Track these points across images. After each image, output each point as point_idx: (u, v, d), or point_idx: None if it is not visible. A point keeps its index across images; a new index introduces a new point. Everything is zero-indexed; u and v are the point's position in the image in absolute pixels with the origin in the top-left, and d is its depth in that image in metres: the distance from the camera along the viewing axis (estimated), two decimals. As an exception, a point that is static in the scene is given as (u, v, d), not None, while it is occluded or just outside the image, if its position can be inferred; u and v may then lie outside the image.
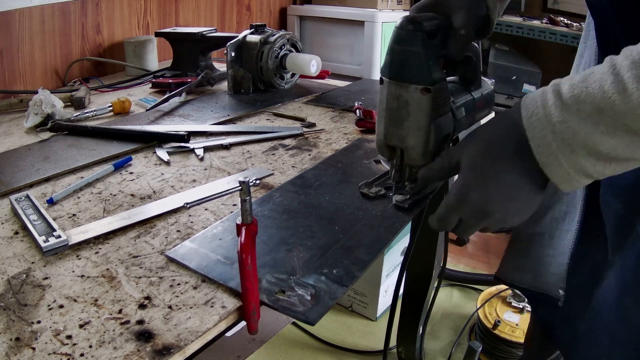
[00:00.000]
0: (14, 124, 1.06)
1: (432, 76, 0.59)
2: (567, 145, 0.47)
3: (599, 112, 0.45)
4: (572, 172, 0.48)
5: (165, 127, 1.02)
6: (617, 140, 0.45)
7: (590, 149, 0.46)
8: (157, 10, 1.63)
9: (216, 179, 0.81)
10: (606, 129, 0.45)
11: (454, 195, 0.56)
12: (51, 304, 0.52)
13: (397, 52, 0.60)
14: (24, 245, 0.62)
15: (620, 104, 0.43)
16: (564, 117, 0.47)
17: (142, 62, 1.48)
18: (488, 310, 1.58)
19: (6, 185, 0.77)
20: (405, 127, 0.62)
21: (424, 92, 0.59)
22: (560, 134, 0.47)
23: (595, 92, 0.45)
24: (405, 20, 0.59)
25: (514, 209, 0.54)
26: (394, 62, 0.60)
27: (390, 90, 0.61)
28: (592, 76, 0.46)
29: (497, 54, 2.57)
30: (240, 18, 1.98)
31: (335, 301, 0.52)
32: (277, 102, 1.19)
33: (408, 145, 0.63)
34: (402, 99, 0.61)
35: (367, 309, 1.75)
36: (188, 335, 0.48)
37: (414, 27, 0.58)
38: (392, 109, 0.62)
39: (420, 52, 0.58)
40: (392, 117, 0.63)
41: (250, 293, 0.50)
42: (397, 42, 0.60)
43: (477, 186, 0.54)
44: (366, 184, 0.75)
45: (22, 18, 1.28)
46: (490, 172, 0.53)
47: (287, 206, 0.71)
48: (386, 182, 0.76)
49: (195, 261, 0.58)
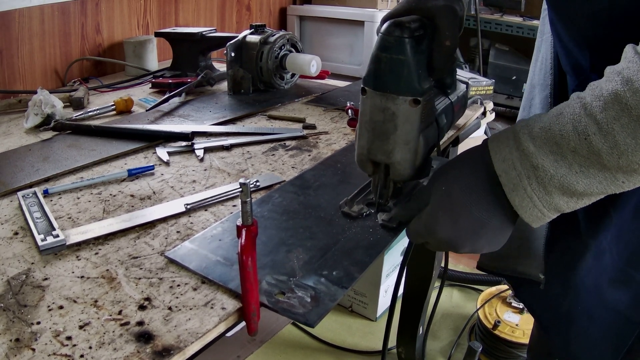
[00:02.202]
0: (13, 124, 1.06)
1: (421, 86, 0.54)
2: (542, 188, 0.48)
3: (573, 153, 0.46)
4: (545, 211, 0.49)
5: (165, 127, 1.02)
6: (591, 179, 0.46)
7: (566, 189, 0.47)
8: (157, 10, 1.63)
9: (216, 179, 0.81)
10: (580, 169, 0.46)
11: (423, 226, 0.57)
12: (51, 304, 0.52)
13: (383, 60, 0.54)
14: (24, 246, 0.62)
15: (597, 143, 0.44)
16: (538, 161, 0.48)
17: (141, 62, 1.48)
18: (488, 310, 1.58)
19: (6, 185, 0.77)
20: (392, 141, 0.57)
21: (413, 104, 0.54)
22: (535, 178, 0.48)
23: (570, 133, 0.46)
24: (392, 25, 0.53)
25: (481, 243, 0.55)
26: (380, 72, 0.55)
27: (375, 102, 0.56)
28: (562, 117, 0.47)
29: (497, 54, 2.57)
30: (240, 18, 1.98)
31: (335, 303, 0.52)
32: (277, 103, 1.19)
33: (394, 161, 0.58)
34: (389, 111, 0.55)
35: (367, 309, 1.75)
36: (188, 337, 0.48)
37: (402, 33, 0.53)
38: (377, 122, 0.57)
39: (409, 61, 0.53)
40: (377, 131, 0.57)
41: (250, 295, 0.50)
42: (383, 50, 0.54)
43: (444, 221, 0.54)
44: (347, 202, 0.71)
45: (22, 18, 1.28)
46: (459, 209, 0.53)
47: (286, 207, 0.71)
48: (368, 198, 0.71)
49: (195, 262, 0.58)
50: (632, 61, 0.44)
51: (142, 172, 0.82)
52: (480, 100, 1.19)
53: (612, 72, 0.46)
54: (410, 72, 0.53)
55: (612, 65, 0.47)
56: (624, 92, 0.43)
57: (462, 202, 0.53)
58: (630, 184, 0.46)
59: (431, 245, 0.59)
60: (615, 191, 0.47)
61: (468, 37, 2.61)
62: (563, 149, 0.46)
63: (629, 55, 0.45)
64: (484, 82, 1.23)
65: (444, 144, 1.02)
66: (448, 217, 0.54)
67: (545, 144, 0.48)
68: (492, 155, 0.52)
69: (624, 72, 0.44)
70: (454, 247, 0.55)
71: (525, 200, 0.49)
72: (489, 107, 1.22)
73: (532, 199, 0.49)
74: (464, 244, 0.55)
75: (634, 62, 0.44)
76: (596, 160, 0.45)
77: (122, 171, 0.81)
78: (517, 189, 0.49)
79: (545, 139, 0.48)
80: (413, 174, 0.59)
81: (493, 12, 2.64)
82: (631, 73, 0.43)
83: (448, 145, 1.11)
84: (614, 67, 0.46)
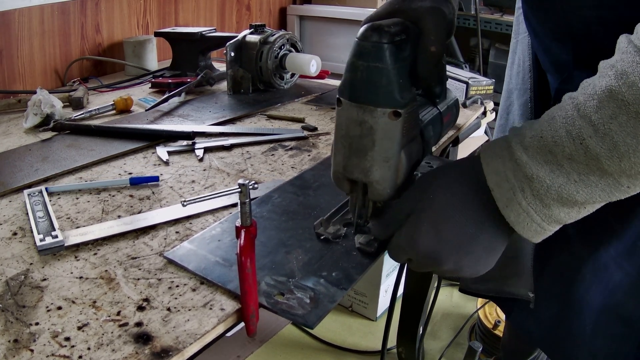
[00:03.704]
0: (12, 124, 1.06)
1: (402, 97, 0.49)
2: (538, 200, 0.44)
3: (570, 161, 0.42)
4: (545, 225, 0.45)
5: (165, 127, 1.01)
6: (592, 187, 0.42)
7: (565, 200, 0.43)
8: (156, 10, 1.63)
9: (215, 179, 0.81)
10: (579, 177, 0.42)
11: (404, 239, 0.51)
12: (49, 305, 0.52)
13: (360, 69, 0.48)
14: (23, 246, 0.62)
15: (594, 147, 0.40)
16: (533, 172, 0.43)
17: (141, 62, 1.48)
18: (488, 310, 1.58)
19: (5, 185, 0.77)
20: (370, 158, 0.51)
21: (392, 117, 0.49)
22: (530, 191, 0.44)
23: (563, 139, 0.42)
24: (369, 29, 0.48)
25: (466, 261, 0.50)
26: (357, 82, 0.49)
27: (352, 115, 0.50)
28: (554, 122, 0.43)
29: (497, 54, 2.56)
30: (239, 18, 1.98)
31: (334, 304, 0.52)
32: (277, 102, 1.19)
33: (373, 179, 0.52)
34: (366, 125, 0.50)
35: (367, 309, 1.75)
36: (187, 338, 0.48)
37: (380, 38, 0.47)
38: (354, 137, 0.51)
39: (389, 69, 0.48)
40: (354, 147, 0.51)
41: (249, 296, 0.50)
42: (360, 57, 0.48)
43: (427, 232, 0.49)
44: (322, 222, 0.64)
45: (22, 18, 1.27)
46: (444, 218, 0.49)
47: (286, 207, 0.71)
48: (345, 218, 0.65)
49: (194, 263, 0.58)
50: (626, 52, 0.39)
51: (145, 182, 0.78)
52: (480, 100, 1.19)
53: (605, 66, 0.41)
54: (390, 82, 0.48)
55: (605, 60, 0.42)
56: (619, 87, 0.39)
57: (447, 212, 0.49)
58: (637, 188, 0.42)
59: (414, 263, 0.53)
60: (621, 197, 0.43)
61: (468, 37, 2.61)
62: (558, 157, 0.42)
63: (622, 45, 0.41)
64: (484, 82, 1.23)
65: (444, 144, 1.02)
66: (432, 227, 0.49)
67: (538, 152, 0.43)
68: (484, 167, 0.47)
69: (618, 65, 0.40)
70: (437, 260, 0.50)
71: (522, 215, 0.45)
72: (489, 106, 1.22)
73: (529, 213, 0.45)
74: (448, 258, 0.49)
75: (627, 53, 0.39)
76: (595, 165, 0.41)
77: (124, 179, 0.78)
78: (511, 203, 0.45)
79: (538, 147, 0.43)
80: (394, 194, 0.53)
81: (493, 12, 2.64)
82: (626, 65, 0.39)
83: (448, 145, 1.11)
84: (607, 60, 0.42)
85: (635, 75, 0.38)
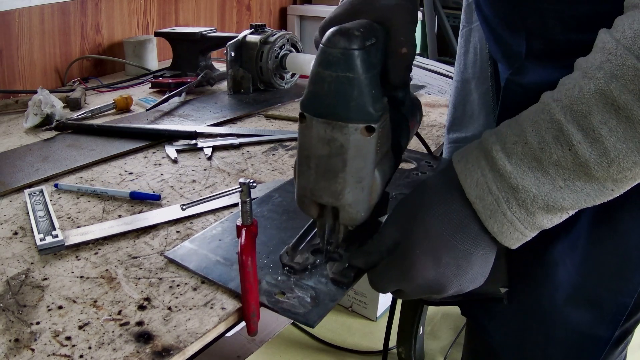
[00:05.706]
0: (13, 124, 1.06)
1: (375, 110, 0.43)
2: (524, 210, 0.42)
3: (556, 167, 0.40)
4: (527, 232, 0.44)
5: (165, 127, 1.01)
6: (577, 193, 0.41)
7: (551, 207, 0.42)
8: (157, 10, 1.63)
9: (216, 179, 0.81)
10: (564, 183, 0.40)
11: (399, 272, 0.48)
12: (50, 304, 0.52)
13: (327, 80, 0.42)
14: (23, 246, 0.62)
15: (584, 153, 0.39)
16: (518, 182, 0.42)
17: (141, 62, 1.48)
18: (488, 310, 1.58)
19: (5, 185, 0.77)
20: (341, 180, 0.45)
21: (366, 133, 0.43)
22: (515, 201, 0.42)
23: (550, 145, 0.40)
24: (336, 34, 0.42)
25: (467, 279, 0.47)
26: (324, 94, 0.43)
27: (319, 133, 0.44)
28: (537, 126, 0.41)
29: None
30: (240, 18, 1.98)
31: (335, 303, 0.52)
32: (277, 102, 1.19)
33: (345, 203, 0.46)
34: (336, 143, 0.44)
35: (367, 309, 1.75)
36: (187, 337, 0.48)
37: (349, 44, 0.41)
38: (321, 157, 0.45)
39: (361, 79, 0.42)
40: (321, 168, 0.45)
41: (250, 295, 0.50)
42: (327, 66, 0.42)
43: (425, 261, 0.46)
44: (288, 251, 0.57)
45: (22, 18, 1.27)
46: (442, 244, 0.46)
47: (286, 207, 0.71)
48: (314, 244, 0.58)
49: (194, 262, 0.58)
50: (614, 53, 0.37)
51: (145, 199, 0.74)
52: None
53: (589, 67, 0.39)
54: (362, 93, 0.42)
55: (583, 57, 0.40)
56: (610, 91, 0.37)
57: (443, 236, 0.46)
58: (620, 190, 0.41)
59: (405, 294, 0.49)
60: (604, 200, 0.42)
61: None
62: (544, 164, 0.41)
63: (608, 45, 0.38)
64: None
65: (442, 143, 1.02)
66: (430, 256, 0.46)
67: (522, 160, 0.41)
68: (462, 180, 0.45)
69: (606, 67, 0.38)
70: (438, 289, 0.47)
71: (506, 225, 0.43)
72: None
73: (513, 223, 0.43)
74: (451, 284, 0.47)
75: (616, 55, 0.37)
76: (582, 171, 0.40)
77: (125, 191, 0.75)
78: (494, 215, 0.43)
79: (523, 154, 0.41)
80: (367, 216, 0.48)
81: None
82: (615, 67, 0.37)
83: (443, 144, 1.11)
84: (588, 59, 0.40)
85: (626, 79, 0.37)
